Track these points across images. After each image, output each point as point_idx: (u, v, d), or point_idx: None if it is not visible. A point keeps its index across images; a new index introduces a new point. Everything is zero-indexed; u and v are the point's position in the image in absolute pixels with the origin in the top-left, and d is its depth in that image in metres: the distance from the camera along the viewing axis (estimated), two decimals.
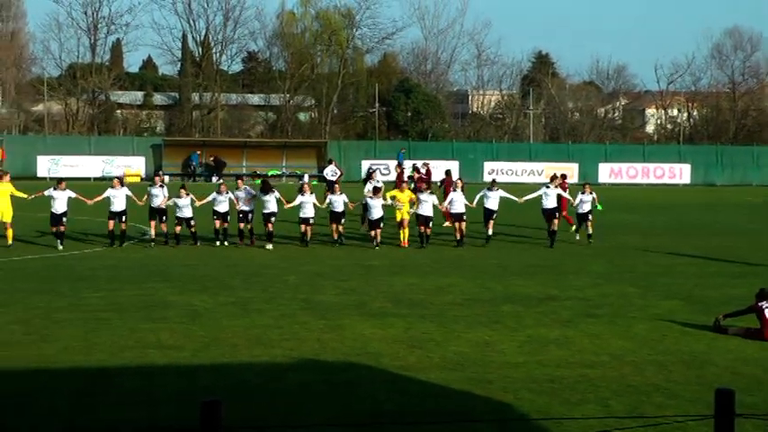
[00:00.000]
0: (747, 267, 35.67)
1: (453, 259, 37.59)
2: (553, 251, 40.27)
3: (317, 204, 41.71)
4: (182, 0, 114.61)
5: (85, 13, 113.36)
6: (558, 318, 25.83)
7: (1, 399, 18.09)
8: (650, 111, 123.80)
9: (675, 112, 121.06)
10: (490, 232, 42.49)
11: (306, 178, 52.30)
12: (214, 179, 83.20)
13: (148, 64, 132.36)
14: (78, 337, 23.14)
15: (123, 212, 39.66)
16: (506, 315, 26.20)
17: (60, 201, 38.70)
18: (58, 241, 38.56)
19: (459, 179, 46.88)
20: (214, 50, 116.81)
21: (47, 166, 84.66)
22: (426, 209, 41.48)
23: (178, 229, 40.23)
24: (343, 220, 41.91)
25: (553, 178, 59.78)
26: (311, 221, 41.16)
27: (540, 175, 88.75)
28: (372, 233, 41.42)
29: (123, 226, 39.85)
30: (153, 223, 40.15)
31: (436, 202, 42.42)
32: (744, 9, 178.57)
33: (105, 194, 39.99)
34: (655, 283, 31.92)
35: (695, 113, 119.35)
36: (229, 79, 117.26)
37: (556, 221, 42.25)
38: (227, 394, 16.76)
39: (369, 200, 41.97)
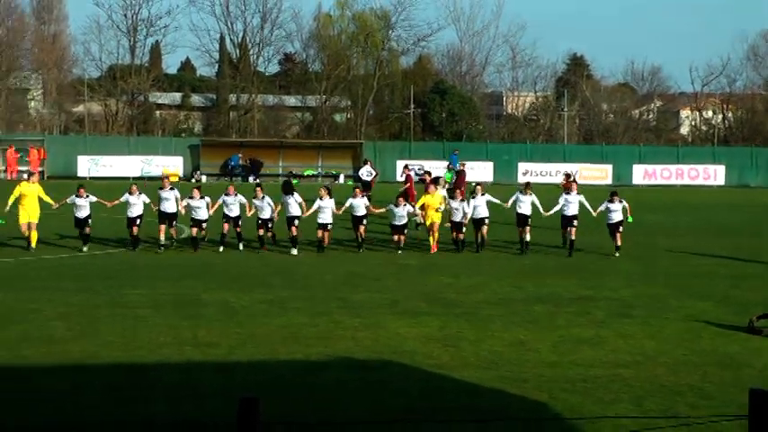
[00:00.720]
0: None
1: (486, 260, 37.45)
2: (586, 253, 39.44)
3: (335, 211, 39.77)
4: (220, 2, 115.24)
5: (125, 16, 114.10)
6: (591, 318, 25.82)
7: (45, 393, 18.27)
8: (685, 112, 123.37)
9: (710, 113, 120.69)
10: (528, 238, 39.99)
11: (329, 188, 44.69)
12: (251, 179, 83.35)
13: (186, 65, 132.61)
14: (117, 333, 23.34)
15: (139, 217, 38.70)
16: (540, 315, 26.21)
17: (83, 207, 37.95)
18: (83, 244, 38.16)
19: (479, 184, 43.26)
20: (251, 52, 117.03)
21: (87, 165, 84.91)
22: (458, 216, 39.94)
23: (194, 231, 39.00)
24: (365, 222, 40.19)
25: (567, 180, 59.30)
26: (329, 227, 39.32)
27: (574, 175, 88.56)
28: (396, 238, 40.01)
29: (135, 230, 38.75)
30: (162, 227, 38.39)
31: (467, 209, 40.12)
32: None
33: (123, 198, 38.99)
34: (688, 284, 31.82)
35: (730, 115, 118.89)
36: (266, 80, 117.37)
37: (573, 229, 39.14)
38: (264, 390, 16.80)
39: (392, 207, 40.15)
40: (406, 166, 60.35)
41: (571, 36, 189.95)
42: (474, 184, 45.24)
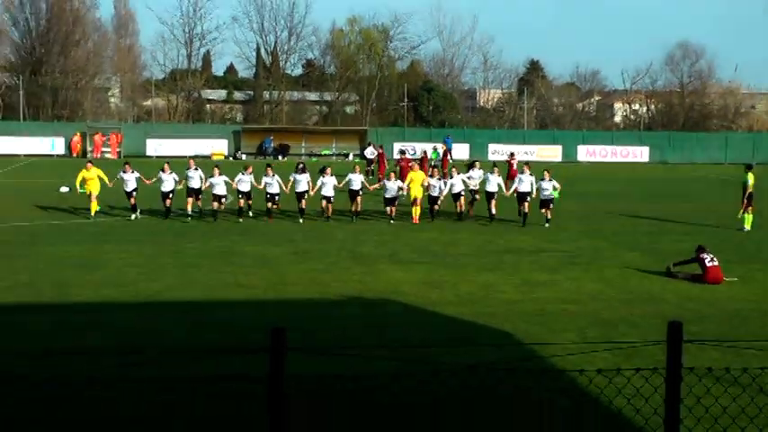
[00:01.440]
0: (692, 227, 35.48)
1: (466, 223, 37.27)
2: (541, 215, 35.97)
3: (336, 185, 37.08)
4: (256, 20, 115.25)
5: (184, 31, 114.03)
6: (545, 265, 25.79)
7: (125, 325, 18.30)
8: (618, 105, 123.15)
9: (637, 106, 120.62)
10: (527, 210, 35.69)
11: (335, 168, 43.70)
12: (280, 158, 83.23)
13: (231, 69, 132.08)
14: (178, 276, 23.44)
15: (171, 192, 36.42)
16: (506, 263, 26.18)
17: (130, 181, 36.35)
18: (132, 212, 36.40)
19: (527, 164, 39.38)
20: (281, 58, 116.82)
21: (154, 147, 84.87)
22: (435, 191, 37.55)
23: (215, 205, 36.22)
24: (360, 194, 37.26)
25: (511, 157, 58.96)
26: (331, 200, 36.59)
27: (532, 155, 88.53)
28: (388, 210, 37.27)
29: (169, 202, 36.49)
30: (190, 200, 36.08)
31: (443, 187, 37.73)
32: (692, 24, 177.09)
33: (156, 178, 37.07)
34: (621, 239, 31.82)
35: (652, 107, 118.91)
36: (292, 80, 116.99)
37: (526, 204, 35.84)
38: (291, 323, 16.81)
39: (385, 182, 38.22)
40: (402, 152, 58.10)
41: (529, 45, 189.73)
42: (523, 163, 42.49)
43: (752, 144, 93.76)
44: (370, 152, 65.13)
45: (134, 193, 36.43)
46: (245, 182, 36.45)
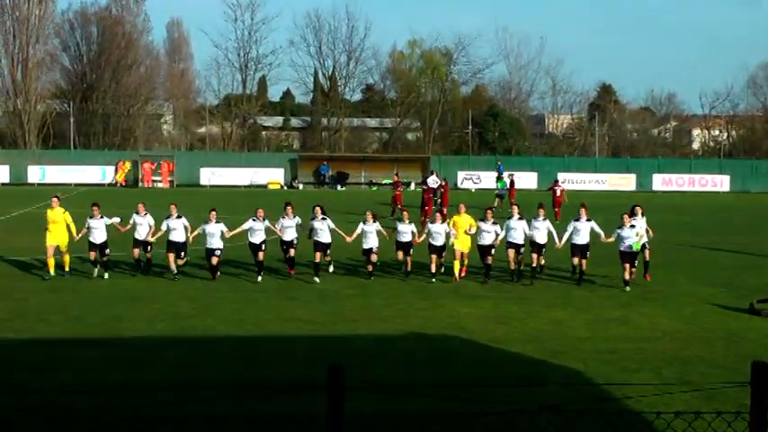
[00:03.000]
0: None
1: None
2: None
3: (384, 234, 29.71)
4: (314, 44, 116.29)
5: (239, 55, 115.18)
6: (618, 301, 25.61)
7: (177, 359, 18.47)
8: (696, 131, 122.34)
9: (717, 132, 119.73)
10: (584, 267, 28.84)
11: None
12: (338, 187, 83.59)
13: (287, 94, 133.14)
14: (233, 311, 23.62)
15: (148, 242, 29.53)
16: (576, 298, 26.04)
17: (141, 226, 29.42)
18: (139, 269, 29.84)
19: (541, 206, 30.36)
20: (339, 83, 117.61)
21: (207, 176, 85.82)
22: (488, 239, 29.11)
23: (214, 261, 28.61)
24: (411, 251, 29.64)
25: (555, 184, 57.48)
26: (373, 250, 29.25)
27: (604, 183, 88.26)
28: (433, 263, 29.17)
29: (148, 255, 29.62)
30: (170, 256, 28.74)
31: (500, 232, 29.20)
32: None
33: (131, 221, 30.03)
34: (699, 273, 31.49)
35: (733, 133, 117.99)
36: (351, 106, 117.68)
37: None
38: (349, 359, 16.84)
39: (430, 225, 29.93)
40: (396, 174, 56.52)
41: (601, 68, 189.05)
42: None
43: None
44: (433, 181, 65.16)
45: (148, 246, 29.68)
46: (257, 231, 29.26)
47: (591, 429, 13.25)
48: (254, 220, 29.41)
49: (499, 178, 66.05)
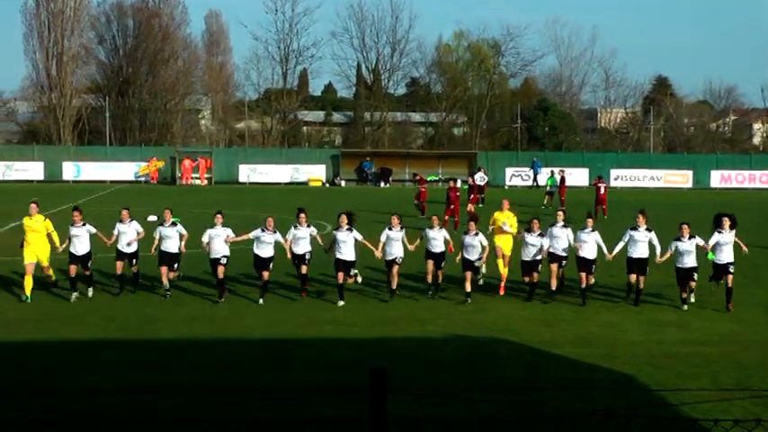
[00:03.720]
0: None
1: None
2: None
3: (408, 245, 26.10)
4: (357, 35, 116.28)
5: (279, 48, 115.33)
6: (674, 303, 25.35)
7: (215, 360, 18.60)
8: (756, 125, 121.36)
9: None
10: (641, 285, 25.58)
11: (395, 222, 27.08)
12: (382, 184, 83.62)
13: (329, 88, 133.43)
14: (271, 312, 23.74)
15: (135, 254, 26.46)
16: (630, 300, 25.80)
17: (125, 234, 26.14)
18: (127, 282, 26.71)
19: (536, 219, 26.58)
20: (383, 77, 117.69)
21: (246, 173, 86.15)
22: (531, 253, 25.72)
23: (221, 271, 25.62)
24: (443, 264, 26.25)
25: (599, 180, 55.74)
26: (397, 260, 25.77)
27: (659, 180, 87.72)
28: (467, 281, 25.47)
29: (134, 268, 26.62)
30: (164, 269, 25.83)
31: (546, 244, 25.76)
32: None
33: (114, 231, 26.58)
34: (760, 275, 31.21)
35: None
36: (395, 100, 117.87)
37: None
38: (391, 362, 16.81)
39: (464, 237, 26.15)
40: (453, 179, 53.57)
41: (657, 59, 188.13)
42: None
43: None
44: (480, 178, 65.05)
45: (134, 259, 26.61)
46: (266, 243, 25.96)
47: None
48: (263, 230, 25.90)
49: (552, 175, 65.59)
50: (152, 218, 47.39)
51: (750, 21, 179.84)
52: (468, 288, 25.31)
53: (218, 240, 25.68)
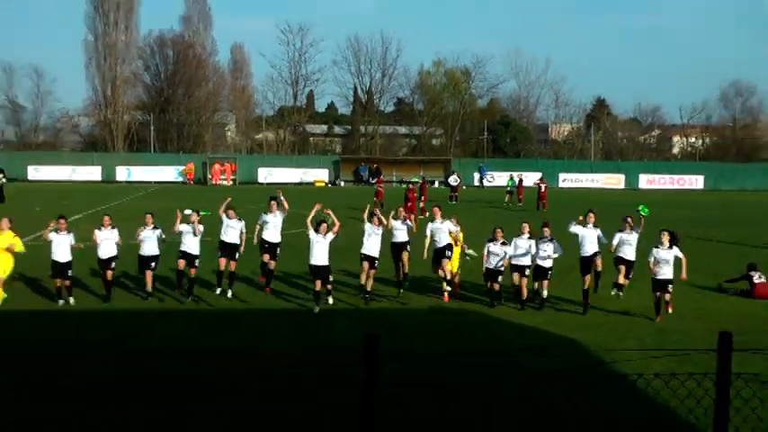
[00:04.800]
0: (742, 248, 34.83)
1: None
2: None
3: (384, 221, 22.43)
4: (353, 63, 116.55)
5: (290, 73, 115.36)
6: (611, 280, 25.32)
7: (255, 327, 18.69)
8: (676, 138, 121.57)
9: (693, 139, 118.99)
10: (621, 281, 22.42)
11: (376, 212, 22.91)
12: (372, 180, 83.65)
13: (331, 106, 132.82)
14: (285, 286, 23.47)
15: (114, 258, 21.66)
16: (574, 279, 25.73)
17: (106, 242, 21.44)
18: (106, 292, 21.76)
19: (526, 223, 22.37)
20: (375, 97, 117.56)
21: (264, 175, 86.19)
22: (493, 261, 21.46)
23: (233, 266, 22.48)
24: (408, 249, 22.63)
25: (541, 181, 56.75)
26: (375, 263, 21.89)
27: (598, 182, 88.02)
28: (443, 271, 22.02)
29: (108, 274, 21.64)
30: (148, 274, 21.89)
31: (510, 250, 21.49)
32: (745, 64, 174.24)
33: (96, 237, 21.69)
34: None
35: (707, 140, 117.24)
36: (385, 116, 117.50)
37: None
38: (385, 331, 17.05)
39: (392, 221, 22.65)
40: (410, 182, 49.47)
41: (597, 84, 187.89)
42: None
43: None
44: (454, 179, 65.33)
45: (112, 263, 21.78)
46: (233, 228, 22.67)
47: (588, 389, 13.39)
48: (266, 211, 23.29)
49: (511, 177, 65.55)
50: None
51: (672, 51, 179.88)
52: (446, 276, 21.99)
53: (235, 232, 22.42)
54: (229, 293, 22.12)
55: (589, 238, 21.77)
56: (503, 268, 21.49)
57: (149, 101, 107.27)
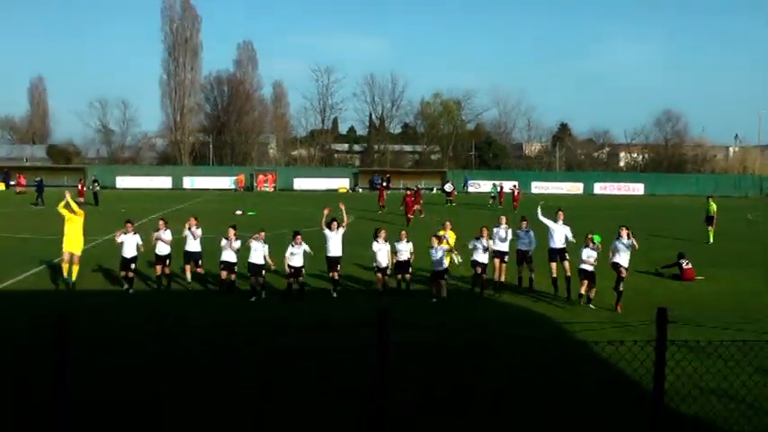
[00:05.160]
0: (674, 240, 34.74)
1: None
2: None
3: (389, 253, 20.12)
4: (368, 96, 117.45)
5: (319, 103, 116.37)
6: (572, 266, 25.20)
7: (285, 308, 18.64)
8: (622, 154, 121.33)
9: (635, 154, 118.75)
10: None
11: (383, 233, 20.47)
12: (384, 183, 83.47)
13: (351, 129, 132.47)
14: (321, 270, 23.35)
15: (168, 256, 20.46)
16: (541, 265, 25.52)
17: (127, 244, 19.92)
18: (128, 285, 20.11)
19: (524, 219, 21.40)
20: (386, 121, 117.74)
21: (299, 184, 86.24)
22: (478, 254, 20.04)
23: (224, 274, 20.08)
24: (410, 270, 20.17)
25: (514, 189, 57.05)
26: (387, 271, 20.02)
27: (562, 189, 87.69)
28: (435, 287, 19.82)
29: (167, 270, 20.61)
30: (224, 273, 19.98)
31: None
32: (675, 95, 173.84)
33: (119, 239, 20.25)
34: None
35: (646, 156, 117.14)
36: (393, 137, 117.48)
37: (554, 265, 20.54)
38: (393, 309, 16.97)
39: (396, 244, 20.16)
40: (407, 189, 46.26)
41: (561, 111, 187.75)
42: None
43: (714, 182, 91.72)
44: (449, 187, 65.22)
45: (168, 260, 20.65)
46: (257, 251, 19.59)
47: (561, 354, 13.43)
48: (292, 245, 19.52)
49: (494, 185, 65.30)
50: (238, 212, 47.31)
51: (618, 86, 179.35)
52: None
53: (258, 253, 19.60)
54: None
55: (558, 233, 20.32)
56: (486, 260, 19.89)
57: (209, 125, 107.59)
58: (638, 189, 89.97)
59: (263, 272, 19.55)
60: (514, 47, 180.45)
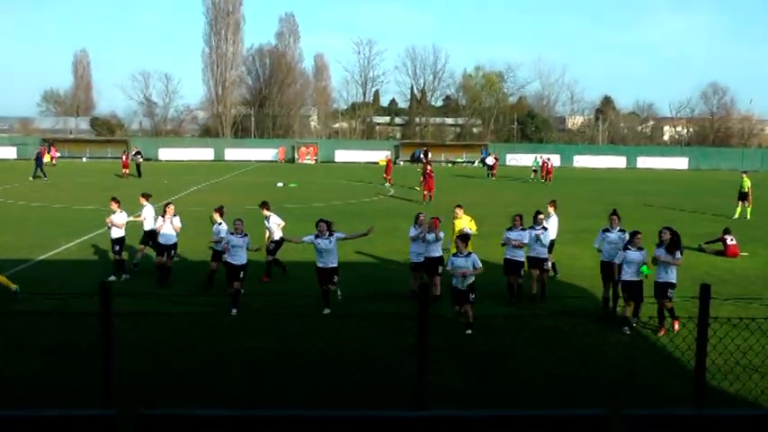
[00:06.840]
0: (719, 216, 34.22)
1: None
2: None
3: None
4: (410, 68, 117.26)
5: (361, 76, 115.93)
6: None
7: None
8: (666, 128, 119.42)
9: (680, 128, 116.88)
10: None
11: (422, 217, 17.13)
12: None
13: (393, 101, 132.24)
14: (351, 252, 23.19)
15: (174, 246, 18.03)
16: (586, 238, 25.51)
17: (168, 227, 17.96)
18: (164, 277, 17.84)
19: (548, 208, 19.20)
20: (427, 94, 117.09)
21: (340, 156, 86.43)
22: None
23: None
24: (440, 269, 16.35)
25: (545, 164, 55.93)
26: (439, 270, 16.48)
27: (605, 163, 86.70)
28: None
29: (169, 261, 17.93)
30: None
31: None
32: (721, 68, 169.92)
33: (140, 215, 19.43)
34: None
35: (691, 129, 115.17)
36: (435, 109, 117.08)
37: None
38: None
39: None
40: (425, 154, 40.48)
41: (604, 84, 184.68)
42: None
43: (761, 157, 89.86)
44: (491, 160, 64.68)
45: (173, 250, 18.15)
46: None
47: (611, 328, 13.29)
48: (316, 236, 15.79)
49: (482, 160, 64.73)
50: (279, 184, 47.52)
51: (665, 56, 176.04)
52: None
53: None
54: None
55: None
56: (523, 259, 16.44)
57: (251, 98, 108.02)
58: (682, 163, 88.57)
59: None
60: (558, 18, 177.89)
